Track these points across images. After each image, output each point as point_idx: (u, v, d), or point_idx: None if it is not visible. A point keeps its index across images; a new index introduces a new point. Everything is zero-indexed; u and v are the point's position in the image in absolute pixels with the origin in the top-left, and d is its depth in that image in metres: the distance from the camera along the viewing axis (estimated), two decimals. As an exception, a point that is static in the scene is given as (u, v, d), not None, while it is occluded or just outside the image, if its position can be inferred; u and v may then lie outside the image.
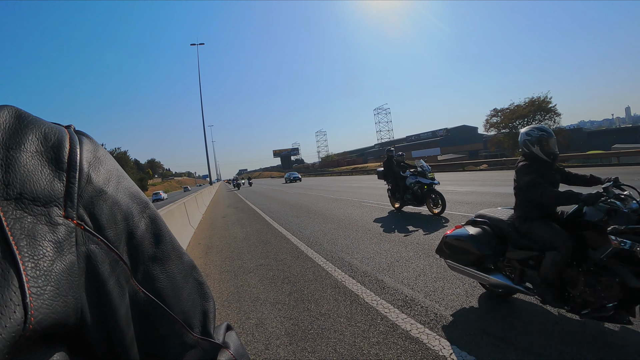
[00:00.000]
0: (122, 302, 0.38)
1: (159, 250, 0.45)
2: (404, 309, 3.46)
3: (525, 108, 38.69)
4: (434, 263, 4.72)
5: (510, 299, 3.38)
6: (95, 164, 0.39)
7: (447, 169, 33.14)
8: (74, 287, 0.32)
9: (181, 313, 0.46)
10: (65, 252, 0.32)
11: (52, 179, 0.33)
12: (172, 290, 0.45)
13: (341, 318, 3.42)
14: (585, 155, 24.99)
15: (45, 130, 0.35)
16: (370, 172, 49.64)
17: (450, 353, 2.63)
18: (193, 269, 0.51)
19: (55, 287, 0.30)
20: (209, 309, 0.52)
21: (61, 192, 0.34)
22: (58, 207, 0.33)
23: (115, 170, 0.42)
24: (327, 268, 5.08)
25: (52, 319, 0.29)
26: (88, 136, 0.41)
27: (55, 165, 0.34)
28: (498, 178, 17.70)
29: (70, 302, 0.31)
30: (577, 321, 2.87)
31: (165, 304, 0.44)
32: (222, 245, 7.89)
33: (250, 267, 5.71)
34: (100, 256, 0.35)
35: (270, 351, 2.99)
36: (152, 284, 0.43)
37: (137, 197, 0.44)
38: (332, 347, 2.91)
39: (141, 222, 0.43)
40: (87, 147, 0.39)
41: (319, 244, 6.71)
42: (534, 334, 2.75)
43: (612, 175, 2.73)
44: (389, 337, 2.98)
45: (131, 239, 0.41)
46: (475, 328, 2.95)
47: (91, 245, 0.35)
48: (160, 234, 0.46)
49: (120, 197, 0.41)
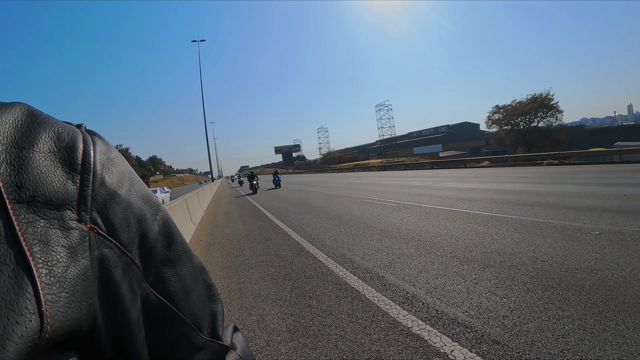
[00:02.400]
0: (134, 305, 0.37)
1: (171, 252, 0.45)
2: (405, 306, 3.47)
3: (527, 105, 38.56)
4: (436, 260, 4.73)
5: (512, 297, 3.39)
6: (108, 166, 0.38)
7: (449, 166, 33.13)
8: (88, 292, 0.31)
9: (191, 315, 0.45)
10: (78, 257, 0.31)
11: (65, 181, 0.33)
12: (182, 293, 0.45)
13: (342, 314, 3.43)
14: (587, 153, 24.90)
15: (59, 130, 0.35)
16: (372, 169, 49.67)
17: (452, 350, 2.64)
18: (202, 271, 0.52)
19: (70, 294, 0.29)
20: (217, 311, 0.52)
21: (74, 195, 0.33)
22: (71, 210, 0.32)
23: (128, 172, 0.42)
24: (329, 264, 5.09)
25: (67, 327, 0.28)
26: (100, 136, 0.41)
27: (69, 166, 0.34)
28: (500, 175, 17.69)
29: (84, 308, 0.31)
30: (579, 319, 2.87)
31: (175, 306, 0.43)
32: (223, 242, 7.91)
33: (252, 263, 5.73)
34: (113, 260, 0.35)
35: (271, 347, 3.00)
36: (163, 287, 0.43)
37: (149, 199, 0.44)
38: (334, 344, 2.92)
39: (154, 224, 0.43)
40: (100, 148, 0.39)
41: (320, 241, 6.72)
42: (535, 333, 2.76)
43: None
44: (390, 333, 2.99)
45: (144, 242, 0.40)
46: (477, 325, 2.96)
47: (104, 249, 0.34)
48: (172, 236, 0.46)
49: (133, 199, 0.40)
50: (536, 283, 3.61)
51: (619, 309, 2.93)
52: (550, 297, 3.29)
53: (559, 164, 22.49)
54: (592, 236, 5.02)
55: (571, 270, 3.84)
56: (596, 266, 3.87)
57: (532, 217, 6.74)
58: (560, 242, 4.88)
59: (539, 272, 3.89)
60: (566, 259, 4.18)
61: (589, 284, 3.45)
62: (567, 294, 3.30)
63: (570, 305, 3.09)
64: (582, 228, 5.51)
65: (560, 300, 3.21)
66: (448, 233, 6.17)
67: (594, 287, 3.37)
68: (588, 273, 3.70)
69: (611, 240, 4.72)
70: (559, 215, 6.65)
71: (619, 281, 3.44)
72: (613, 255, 4.14)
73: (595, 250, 4.41)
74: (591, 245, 4.60)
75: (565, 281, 3.57)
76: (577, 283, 3.50)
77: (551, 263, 4.12)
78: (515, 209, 7.76)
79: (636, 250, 4.22)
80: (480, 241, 5.40)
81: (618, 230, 5.19)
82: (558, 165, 21.80)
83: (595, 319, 2.82)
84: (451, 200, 9.94)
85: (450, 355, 2.58)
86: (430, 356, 2.60)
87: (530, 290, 3.47)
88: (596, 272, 3.70)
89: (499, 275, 3.92)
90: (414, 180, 20.06)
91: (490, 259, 4.52)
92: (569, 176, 13.72)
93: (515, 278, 3.80)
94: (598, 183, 10.55)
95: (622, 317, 2.80)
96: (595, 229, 5.35)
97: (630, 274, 3.57)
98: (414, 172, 31.79)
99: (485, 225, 6.45)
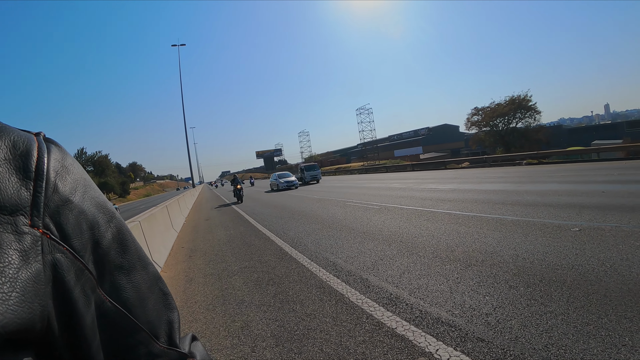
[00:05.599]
0: (88, 311, 0.38)
1: (125, 260, 0.46)
2: (389, 307, 3.45)
3: (506, 106, 39.30)
4: (418, 260, 4.73)
5: (495, 295, 3.41)
6: (62, 173, 0.40)
7: (429, 168, 33.51)
8: (40, 294, 0.32)
9: (147, 323, 0.46)
10: (31, 261, 0.32)
11: (19, 187, 0.34)
12: (137, 300, 0.46)
13: (327, 318, 3.39)
14: (565, 152, 25.49)
15: (14, 138, 0.36)
16: (354, 172, 49.91)
17: (437, 349, 2.63)
18: (158, 279, 0.52)
19: (21, 294, 0.30)
20: (174, 319, 0.52)
21: (28, 201, 0.34)
22: (24, 216, 0.33)
23: (82, 180, 0.43)
24: (312, 268, 5.04)
25: (16, 324, 0.29)
26: (57, 144, 0.42)
27: (23, 174, 0.35)
28: (480, 175, 17.95)
29: (36, 309, 0.31)
30: (561, 314, 2.90)
31: (131, 313, 0.44)
32: (205, 248, 7.78)
33: (235, 269, 5.63)
34: (66, 265, 0.36)
35: (256, 353, 2.94)
36: (119, 294, 0.43)
37: (103, 206, 0.45)
38: (319, 347, 2.87)
39: (107, 232, 0.43)
40: (55, 155, 0.40)
41: (303, 245, 6.67)
42: (518, 329, 2.77)
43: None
44: (375, 335, 2.97)
45: (97, 248, 0.41)
46: (460, 323, 2.95)
47: (57, 254, 0.35)
48: (126, 244, 0.47)
49: (86, 206, 0.41)
50: (518, 280, 3.64)
51: (600, 303, 2.97)
52: (532, 293, 3.31)
53: (538, 163, 22.98)
54: (572, 233, 5.11)
55: (552, 266, 3.88)
56: (577, 262, 3.92)
57: (512, 215, 6.84)
58: (541, 240, 4.95)
59: (521, 269, 3.92)
60: (547, 256, 4.23)
61: (570, 279, 3.49)
62: (549, 290, 3.32)
63: (552, 301, 3.11)
64: (562, 225, 5.61)
65: (543, 296, 3.23)
66: (430, 234, 6.20)
67: (575, 282, 3.41)
68: (569, 269, 3.75)
69: (591, 236, 4.81)
70: (539, 213, 6.76)
71: (599, 275, 3.49)
72: (593, 251, 4.21)
73: (576, 246, 4.48)
74: (571, 242, 4.67)
75: (547, 277, 3.60)
76: (559, 279, 3.53)
77: (532, 260, 4.16)
78: (496, 208, 7.86)
79: (615, 245, 4.30)
80: (461, 241, 5.44)
81: (597, 226, 5.30)
82: (537, 165, 22.28)
83: (577, 314, 2.84)
84: (432, 202, 10.03)
85: (435, 355, 2.56)
86: (416, 356, 2.58)
87: (512, 288, 3.49)
88: (577, 268, 3.75)
89: (481, 274, 3.94)
90: (395, 182, 20.22)
91: (472, 258, 4.54)
92: (548, 175, 14.02)
93: (498, 276, 3.82)
94: (577, 181, 10.82)
95: (605, 311, 2.83)
96: (575, 226, 5.45)
97: (611, 268, 3.62)
98: (396, 174, 32.03)
99: (466, 225, 6.50)
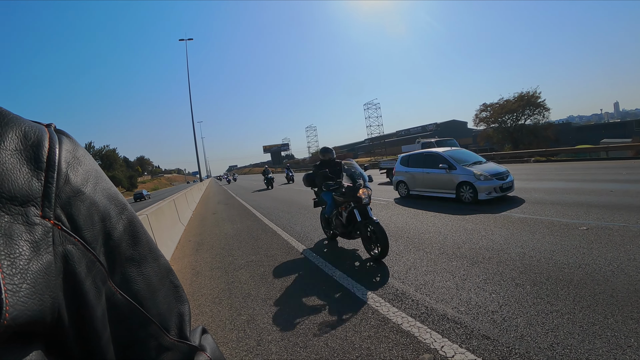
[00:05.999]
0: (99, 303, 0.38)
1: (136, 252, 0.45)
2: (395, 303, 3.46)
3: (515, 103, 38.89)
4: (424, 257, 4.73)
5: (501, 292, 3.40)
6: (73, 164, 0.39)
7: (437, 164, 33.25)
8: (51, 286, 0.32)
9: (157, 315, 0.46)
10: (42, 252, 0.32)
11: (30, 178, 0.33)
12: (148, 293, 0.45)
13: (332, 313, 3.41)
14: (574, 150, 25.19)
15: (26, 129, 0.35)
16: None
17: (442, 346, 2.64)
18: (169, 271, 0.52)
19: (32, 285, 0.30)
20: (184, 312, 0.52)
21: (39, 191, 0.34)
22: (35, 207, 0.33)
23: (93, 171, 0.42)
24: (318, 263, 5.07)
25: (27, 316, 0.29)
26: (68, 135, 0.41)
27: (34, 164, 0.34)
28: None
29: (46, 300, 0.31)
30: (567, 313, 2.89)
31: (142, 306, 0.44)
32: (212, 242, 7.84)
33: (241, 263, 5.68)
34: (77, 257, 0.35)
35: (262, 347, 2.97)
36: (129, 286, 0.43)
37: (115, 198, 0.44)
38: (324, 342, 2.90)
39: (119, 223, 0.43)
40: (66, 146, 0.39)
41: (309, 240, 6.70)
42: (524, 328, 2.77)
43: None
44: (380, 330, 2.98)
45: (108, 240, 0.41)
46: (466, 321, 2.96)
47: (68, 245, 0.35)
48: (137, 235, 0.46)
49: (98, 197, 0.41)
50: (525, 278, 3.63)
51: (607, 303, 2.96)
52: (538, 292, 3.31)
53: (546, 160, 22.74)
54: (579, 231, 5.08)
55: (559, 265, 3.87)
56: (584, 261, 3.90)
57: (519, 213, 6.80)
58: (548, 238, 4.92)
59: (527, 267, 3.91)
60: (554, 254, 4.21)
61: (577, 278, 3.48)
62: (555, 289, 3.32)
63: (558, 300, 3.11)
64: (570, 224, 5.57)
65: (549, 294, 3.23)
66: (437, 230, 6.19)
67: (582, 282, 3.39)
68: (576, 268, 3.73)
69: (598, 236, 4.78)
70: (546, 211, 6.71)
71: (607, 275, 3.47)
72: (600, 250, 4.18)
73: (583, 245, 4.45)
74: (579, 241, 4.64)
75: (554, 276, 3.59)
76: (566, 278, 3.52)
77: (539, 258, 4.15)
78: (503, 205, 7.82)
79: (623, 245, 4.27)
80: (468, 238, 5.43)
81: (605, 225, 5.25)
82: (545, 162, 22.05)
83: (584, 313, 2.84)
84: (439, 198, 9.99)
85: (440, 351, 2.57)
86: (421, 352, 2.60)
87: (518, 286, 3.48)
88: (584, 267, 3.73)
89: (488, 271, 3.94)
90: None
91: (479, 255, 4.54)
92: (556, 173, 13.88)
93: (504, 274, 3.82)
94: (585, 179, 10.70)
95: (611, 311, 2.82)
96: (582, 225, 5.41)
97: (618, 268, 3.60)
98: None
99: (473, 222, 6.48)
